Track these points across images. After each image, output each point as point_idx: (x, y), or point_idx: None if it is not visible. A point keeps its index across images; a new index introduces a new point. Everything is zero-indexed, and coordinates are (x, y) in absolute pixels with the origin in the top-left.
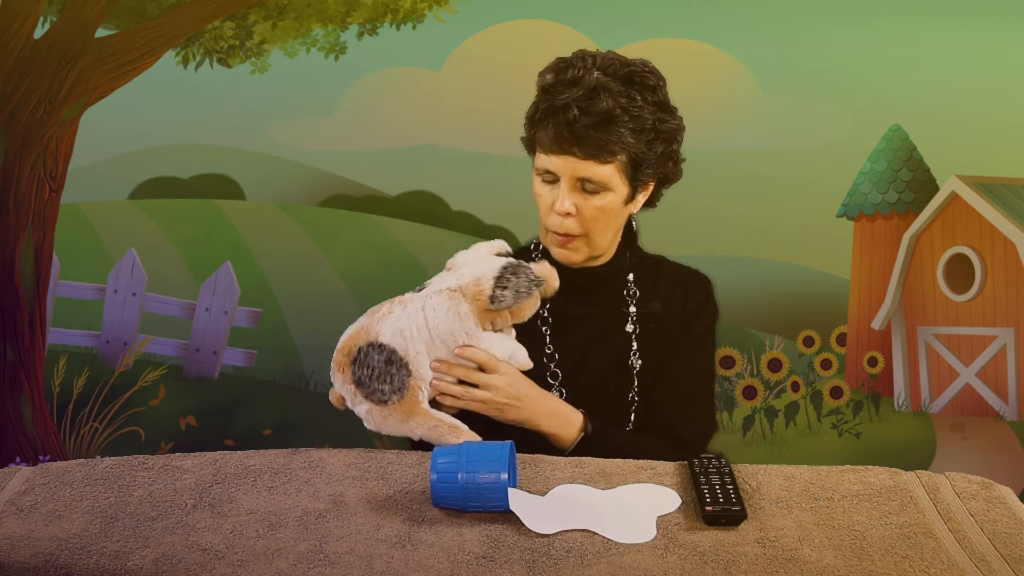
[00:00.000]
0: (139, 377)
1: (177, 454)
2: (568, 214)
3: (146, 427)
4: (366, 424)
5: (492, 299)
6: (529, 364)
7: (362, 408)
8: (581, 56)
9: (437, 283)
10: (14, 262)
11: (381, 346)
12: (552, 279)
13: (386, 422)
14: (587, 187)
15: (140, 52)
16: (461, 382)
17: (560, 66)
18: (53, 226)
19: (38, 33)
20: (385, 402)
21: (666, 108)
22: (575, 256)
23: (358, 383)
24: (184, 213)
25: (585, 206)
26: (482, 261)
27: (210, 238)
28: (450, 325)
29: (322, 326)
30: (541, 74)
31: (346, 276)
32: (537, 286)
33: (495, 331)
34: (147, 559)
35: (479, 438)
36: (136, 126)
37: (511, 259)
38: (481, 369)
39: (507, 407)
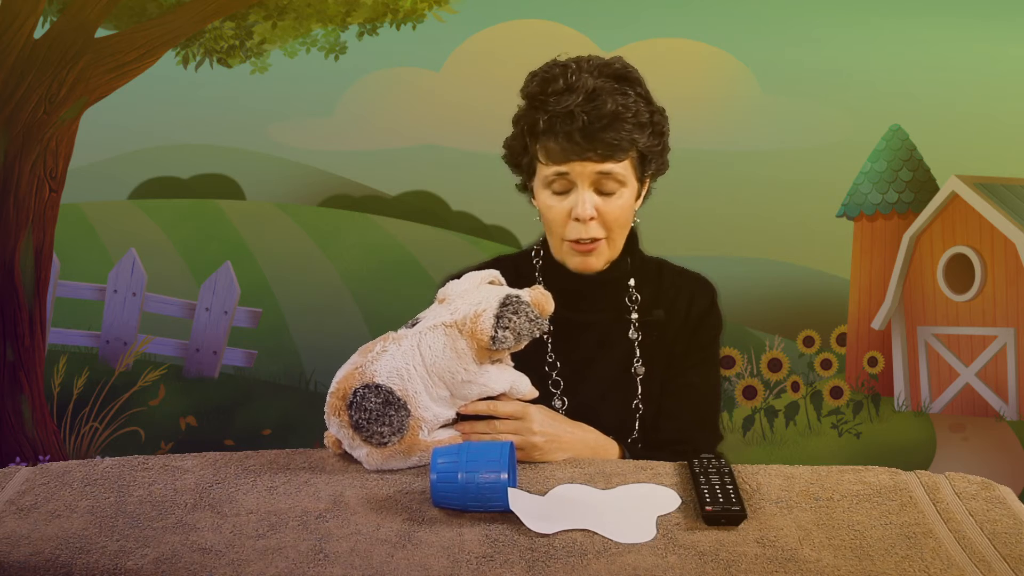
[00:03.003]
0: (139, 377)
1: (177, 454)
2: (591, 218)
3: (146, 427)
4: (366, 466)
5: (494, 340)
6: (534, 393)
7: (361, 452)
8: (562, 65)
9: (431, 318)
10: (14, 262)
11: (377, 387)
12: (547, 306)
13: (388, 462)
14: (604, 187)
15: (140, 52)
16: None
17: (546, 77)
18: (53, 226)
19: (38, 33)
20: (385, 444)
21: (651, 100)
22: (597, 262)
23: (356, 427)
24: (184, 213)
25: (605, 208)
26: (476, 292)
27: (210, 238)
28: (448, 363)
29: (322, 326)
30: (526, 91)
31: (346, 276)
32: (539, 329)
33: (492, 363)
34: (147, 559)
35: None
36: (136, 126)
37: (509, 291)
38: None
39: (547, 448)
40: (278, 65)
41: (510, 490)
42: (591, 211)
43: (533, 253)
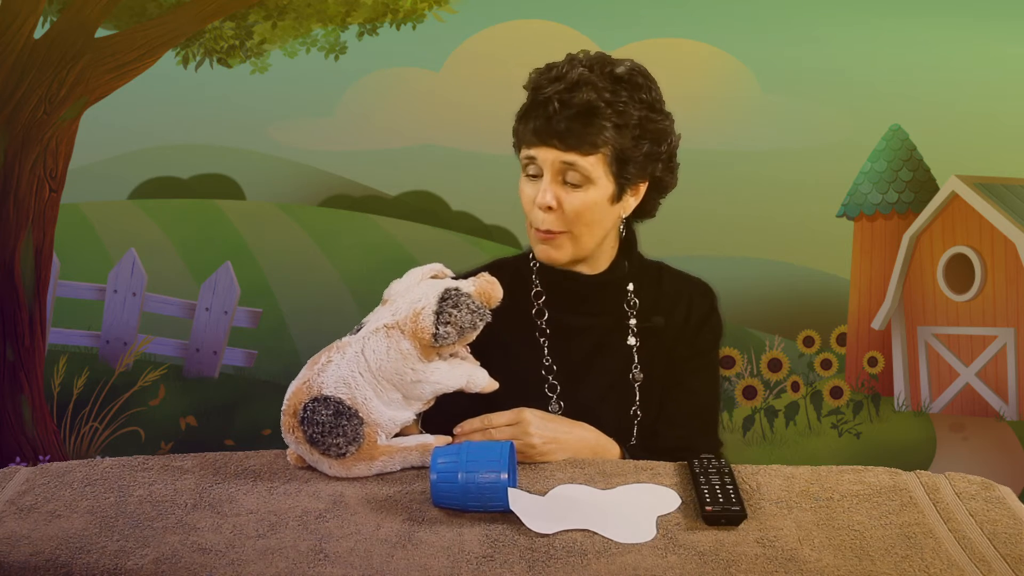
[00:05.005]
0: (139, 377)
1: (177, 454)
2: (549, 208)
3: (146, 427)
4: (334, 475)
5: (435, 337)
6: (493, 385)
7: (323, 466)
8: (570, 57)
9: (373, 321)
10: (14, 262)
11: (326, 399)
12: (494, 294)
13: (352, 471)
14: (569, 178)
15: (140, 52)
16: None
17: (547, 66)
18: (53, 226)
19: (38, 33)
20: (343, 455)
21: (655, 109)
22: (558, 254)
23: (311, 442)
24: (184, 213)
25: (567, 200)
26: (416, 289)
27: (210, 238)
28: (393, 364)
29: (322, 326)
30: (529, 76)
31: (346, 276)
32: (481, 319)
33: (445, 359)
34: (147, 559)
35: (449, 439)
36: (136, 126)
37: (448, 284)
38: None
39: (546, 451)
40: (278, 65)
41: (510, 490)
42: (549, 200)
43: (531, 255)
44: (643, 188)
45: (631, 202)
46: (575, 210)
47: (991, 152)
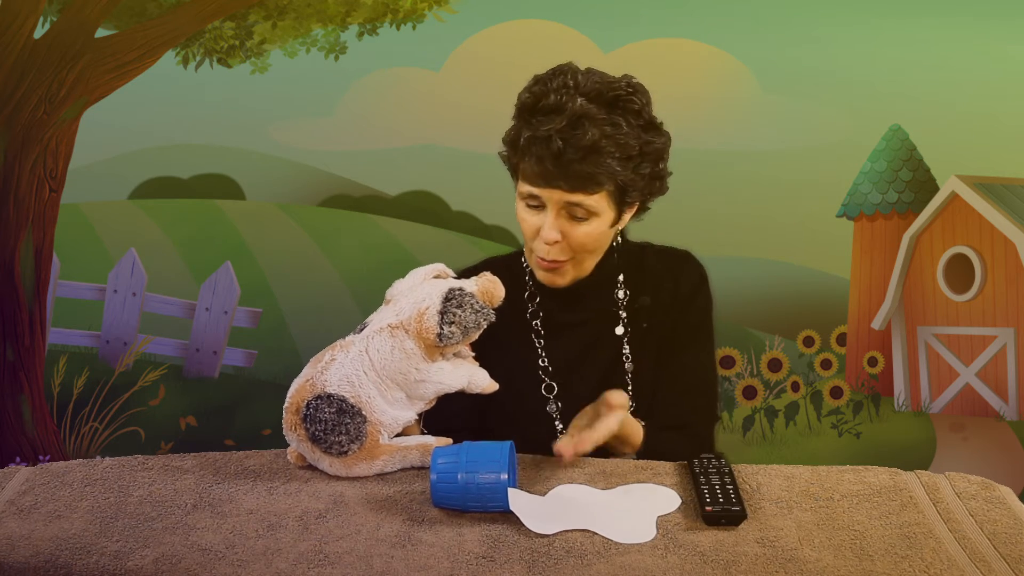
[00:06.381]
0: (139, 377)
1: (177, 454)
2: (555, 242)
3: (146, 427)
4: (335, 474)
5: (440, 337)
6: (493, 386)
7: (324, 463)
8: (562, 80)
9: (377, 320)
10: (14, 262)
11: (329, 397)
12: (496, 293)
13: (352, 470)
14: (574, 214)
15: (140, 52)
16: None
17: (541, 90)
18: (53, 226)
19: (38, 33)
20: (345, 453)
21: (651, 128)
22: (561, 280)
23: (313, 440)
24: (184, 213)
25: (572, 233)
26: (420, 289)
27: (210, 238)
28: (397, 364)
29: (322, 326)
30: (521, 99)
31: (346, 276)
32: (485, 319)
33: (447, 358)
34: (147, 559)
35: (450, 441)
36: (136, 126)
37: (451, 284)
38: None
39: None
40: (278, 65)
41: (510, 490)
42: (556, 236)
43: (523, 256)
44: (637, 205)
45: (627, 217)
46: (580, 241)
47: (991, 152)
